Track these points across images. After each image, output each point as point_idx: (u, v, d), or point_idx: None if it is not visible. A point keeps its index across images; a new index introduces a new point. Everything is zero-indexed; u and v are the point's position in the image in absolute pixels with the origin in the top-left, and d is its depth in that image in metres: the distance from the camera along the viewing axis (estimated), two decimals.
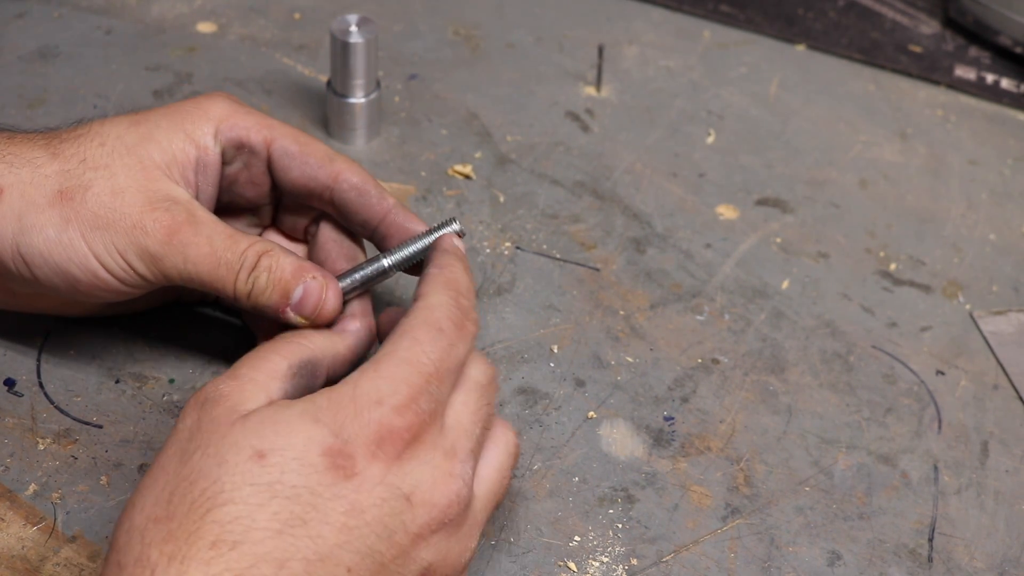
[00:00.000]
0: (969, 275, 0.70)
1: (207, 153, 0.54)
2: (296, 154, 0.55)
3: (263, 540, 0.39)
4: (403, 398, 0.43)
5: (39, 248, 0.50)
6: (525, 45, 0.85)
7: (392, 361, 0.44)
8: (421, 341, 0.45)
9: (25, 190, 0.50)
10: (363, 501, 0.41)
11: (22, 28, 0.80)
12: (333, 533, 0.41)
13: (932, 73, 0.87)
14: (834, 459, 0.58)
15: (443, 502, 0.43)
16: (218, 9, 0.84)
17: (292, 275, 0.51)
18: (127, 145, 0.52)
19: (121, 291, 0.51)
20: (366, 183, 0.55)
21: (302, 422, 0.42)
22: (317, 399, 0.43)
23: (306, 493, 0.41)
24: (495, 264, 0.67)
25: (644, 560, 0.53)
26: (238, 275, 0.51)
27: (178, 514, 0.40)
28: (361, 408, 0.43)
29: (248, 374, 0.45)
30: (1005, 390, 0.63)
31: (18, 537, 0.50)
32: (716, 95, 0.82)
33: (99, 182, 0.50)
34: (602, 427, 0.58)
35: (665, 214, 0.72)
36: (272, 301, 0.51)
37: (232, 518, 0.40)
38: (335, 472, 0.41)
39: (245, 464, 0.41)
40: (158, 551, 0.39)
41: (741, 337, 0.64)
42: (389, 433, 0.42)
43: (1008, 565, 0.54)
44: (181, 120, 0.54)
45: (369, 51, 0.70)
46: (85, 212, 0.50)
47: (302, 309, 0.51)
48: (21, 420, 0.55)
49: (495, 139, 0.76)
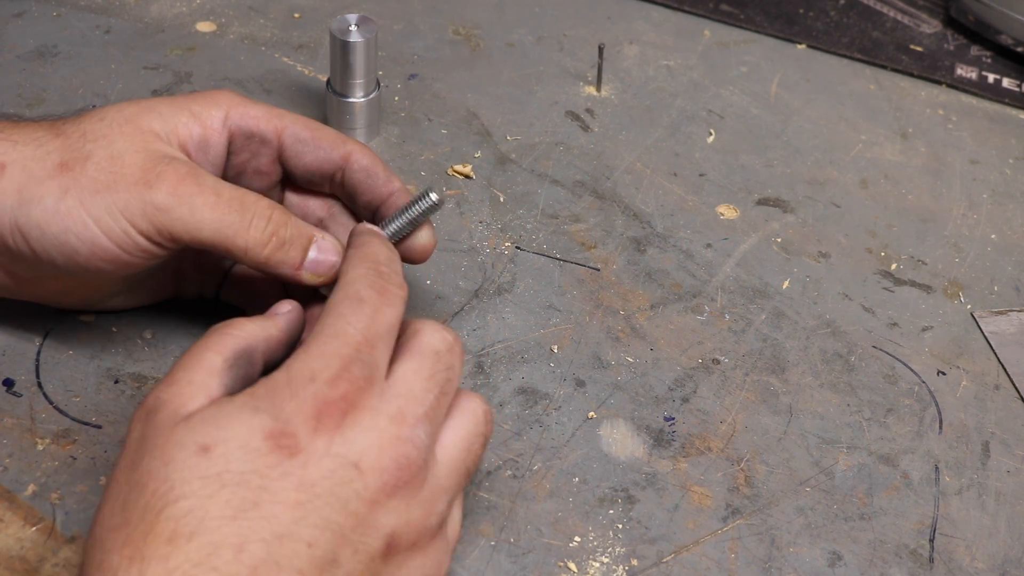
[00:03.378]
0: (970, 275, 0.70)
1: (212, 133, 0.54)
2: (309, 139, 0.55)
3: (218, 528, 0.39)
4: (334, 370, 0.43)
5: (37, 219, 0.50)
6: (525, 45, 0.85)
7: (320, 339, 0.44)
8: (344, 314, 0.45)
9: (27, 164, 0.50)
10: (311, 475, 0.41)
11: (21, 27, 0.79)
12: (287, 511, 0.41)
13: (933, 72, 0.87)
14: (835, 459, 0.58)
15: (392, 465, 0.43)
16: (217, 8, 0.84)
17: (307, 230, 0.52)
18: (126, 116, 0.52)
19: (122, 260, 0.51)
20: (375, 165, 0.56)
21: (242, 413, 0.42)
22: (255, 390, 0.43)
23: (254, 477, 0.41)
24: (495, 264, 0.67)
25: (644, 561, 0.53)
26: (252, 224, 0.50)
27: (133, 518, 0.40)
28: (296, 388, 0.43)
29: (185, 376, 0.45)
30: (1006, 390, 0.63)
31: (17, 538, 0.50)
32: (716, 95, 0.82)
33: (98, 151, 0.50)
34: (602, 427, 0.58)
35: (665, 214, 0.72)
36: (292, 256, 0.51)
37: (185, 512, 0.40)
38: (279, 452, 0.41)
39: (191, 459, 0.41)
40: (118, 555, 0.39)
41: (742, 337, 0.64)
42: (325, 405, 0.42)
43: (1009, 566, 0.54)
44: (188, 102, 0.54)
45: (369, 50, 0.70)
46: (84, 179, 0.50)
47: (317, 267, 0.52)
48: (20, 420, 0.55)
49: (495, 139, 0.76)
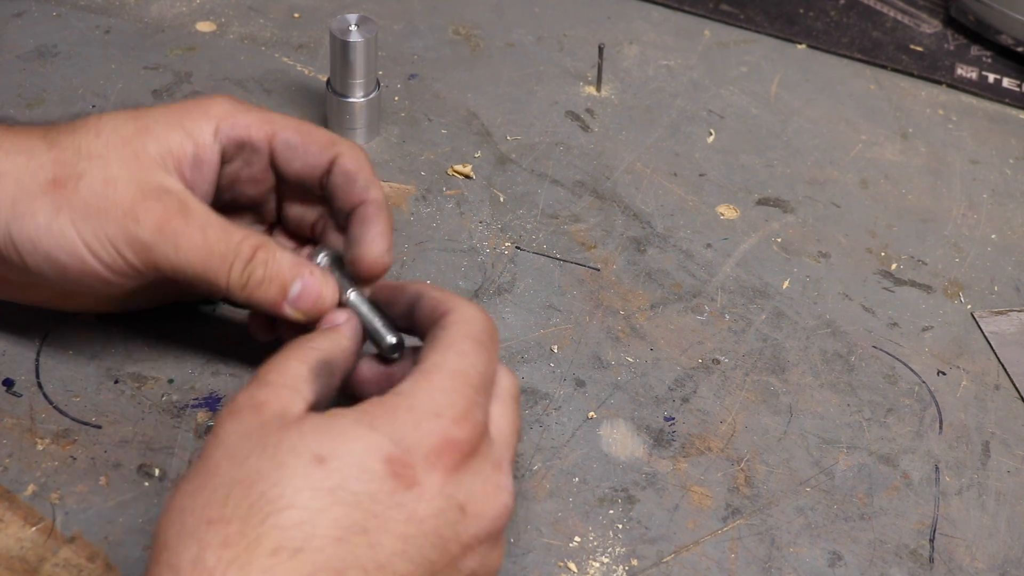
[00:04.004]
0: (970, 275, 0.70)
1: (204, 150, 0.53)
2: (298, 145, 0.55)
3: (324, 547, 0.39)
4: (460, 410, 0.44)
5: (29, 235, 0.50)
6: (525, 45, 0.85)
7: (443, 374, 0.45)
8: (467, 354, 0.46)
9: (20, 176, 0.50)
10: (422, 511, 0.41)
11: (21, 27, 0.79)
12: (392, 542, 0.40)
13: (933, 72, 0.87)
14: (835, 459, 0.58)
15: (493, 514, 0.44)
16: (217, 8, 0.84)
17: (289, 269, 0.51)
18: (123, 137, 0.51)
19: (110, 281, 0.51)
20: (359, 170, 0.54)
21: (358, 429, 0.42)
22: (370, 409, 0.43)
23: (367, 500, 0.40)
24: (495, 264, 0.67)
25: (644, 561, 0.53)
26: (232, 266, 0.50)
27: (236, 517, 0.39)
28: (420, 419, 0.43)
29: (278, 380, 0.45)
30: (1006, 390, 0.63)
31: (16, 538, 0.50)
32: (716, 94, 0.82)
33: (92, 171, 0.50)
34: (602, 427, 0.58)
35: (665, 214, 0.71)
36: (270, 295, 0.51)
37: (293, 523, 0.39)
38: (396, 480, 0.41)
39: (305, 468, 0.40)
40: (215, 556, 0.38)
41: (742, 337, 0.64)
42: (450, 445, 0.43)
43: (1009, 566, 0.54)
44: (181, 117, 0.53)
45: (369, 50, 0.70)
46: (77, 201, 0.50)
47: (301, 303, 0.51)
48: (20, 420, 0.55)
49: (495, 139, 0.76)
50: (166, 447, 0.54)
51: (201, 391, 0.57)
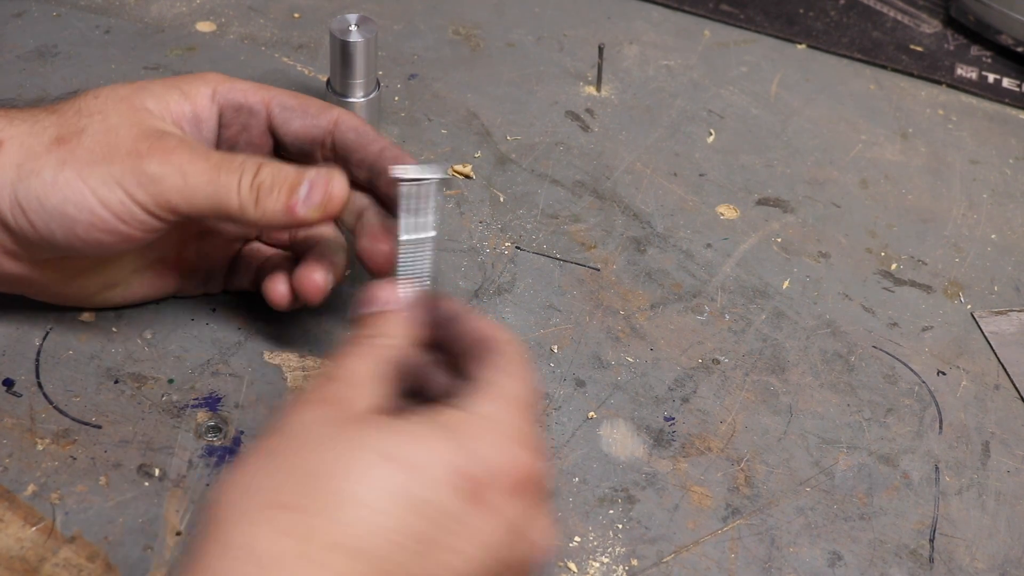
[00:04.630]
0: (970, 275, 0.70)
1: (202, 110, 0.55)
2: (296, 107, 0.57)
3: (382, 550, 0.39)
4: (534, 439, 0.44)
5: (36, 192, 0.50)
6: (525, 45, 0.85)
7: (519, 403, 0.45)
8: (531, 388, 0.46)
9: (24, 140, 0.51)
10: (487, 534, 0.41)
11: (21, 27, 0.79)
12: (454, 559, 0.40)
13: (933, 72, 0.87)
14: (835, 459, 0.58)
15: (544, 544, 0.44)
16: (217, 8, 0.84)
17: (296, 173, 0.52)
18: (121, 95, 0.53)
19: (121, 232, 0.51)
20: (364, 125, 0.57)
21: (436, 438, 0.41)
22: (447, 420, 0.43)
23: (438, 513, 0.40)
24: (495, 264, 0.67)
25: (644, 561, 0.53)
26: (240, 181, 0.51)
27: (301, 506, 0.39)
28: (504, 443, 0.42)
29: (347, 377, 0.44)
30: (1006, 390, 0.63)
31: (16, 538, 0.50)
32: (716, 94, 0.82)
33: (93, 125, 0.52)
34: (602, 427, 0.58)
35: (665, 214, 0.72)
36: (281, 202, 0.51)
37: (358, 520, 0.39)
38: (468, 497, 0.41)
39: (380, 469, 0.40)
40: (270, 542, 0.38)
41: (742, 337, 0.64)
42: (523, 472, 0.43)
43: (1009, 566, 0.54)
44: (177, 82, 0.56)
45: (368, 50, 0.70)
46: (80, 151, 0.51)
47: (312, 200, 0.52)
48: (20, 420, 0.55)
49: (495, 139, 0.76)
50: (166, 447, 0.54)
51: (201, 391, 0.57)
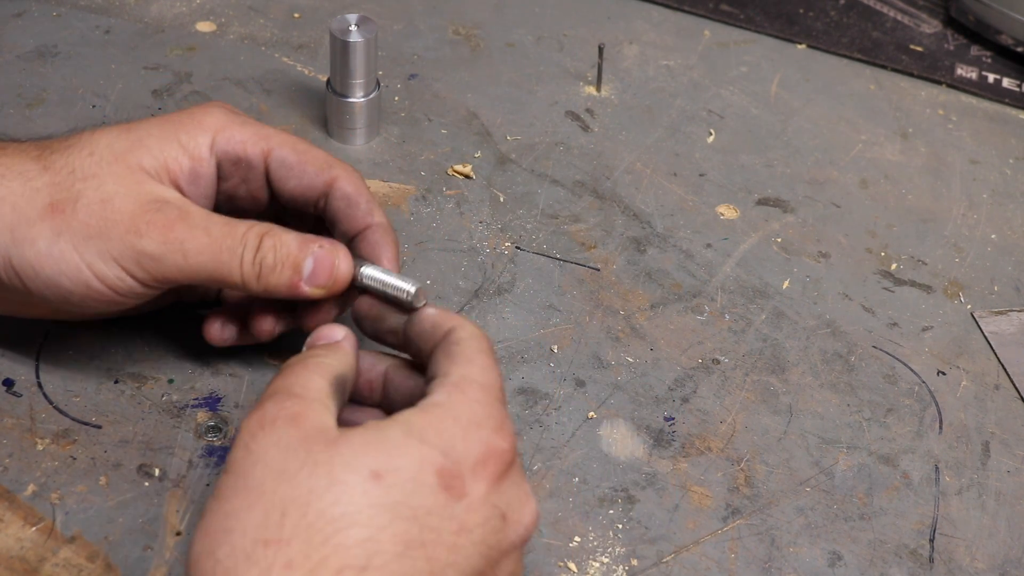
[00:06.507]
0: (970, 275, 0.70)
1: (201, 164, 0.53)
2: (294, 164, 0.55)
3: (387, 564, 0.40)
4: (498, 421, 0.44)
5: (30, 261, 0.49)
6: (525, 45, 0.85)
7: (476, 387, 0.45)
8: (489, 368, 0.46)
9: (16, 202, 0.50)
10: (470, 521, 0.42)
11: (21, 27, 0.79)
12: (445, 553, 0.41)
13: (933, 72, 0.87)
14: (835, 459, 0.58)
15: (528, 521, 0.44)
16: (217, 8, 0.84)
17: (299, 248, 0.51)
18: (116, 153, 0.51)
19: (115, 301, 0.51)
20: (358, 194, 0.55)
21: (408, 442, 0.42)
22: (412, 420, 0.43)
23: (424, 514, 0.41)
24: (495, 264, 0.67)
25: (644, 561, 0.53)
26: (243, 258, 0.50)
27: (296, 537, 0.39)
28: (465, 430, 0.43)
29: (308, 394, 0.44)
30: (1006, 390, 0.63)
31: (16, 538, 0.50)
32: (716, 94, 0.82)
33: (88, 192, 0.50)
34: (602, 427, 0.58)
35: (665, 214, 0.72)
36: (284, 279, 0.51)
37: (357, 541, 0.39)
38: (448, 492, 0.42)
39: (363, 485, 0.40)
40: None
41: (742, 337, 0.64)
42: (494, 454, 0.43)
43: (1009, 566, 0.54)
44: (175, 130, 0.53)
45: (369, 50, 0.70)
46: (75, 223, 0.49)
47: (316, 280, 0.51)
48: (20, 420, 0.55)
49: (495, 139, 0.76)
50: (166, 447, 0.54)
51: (201, 391, 0.57)
